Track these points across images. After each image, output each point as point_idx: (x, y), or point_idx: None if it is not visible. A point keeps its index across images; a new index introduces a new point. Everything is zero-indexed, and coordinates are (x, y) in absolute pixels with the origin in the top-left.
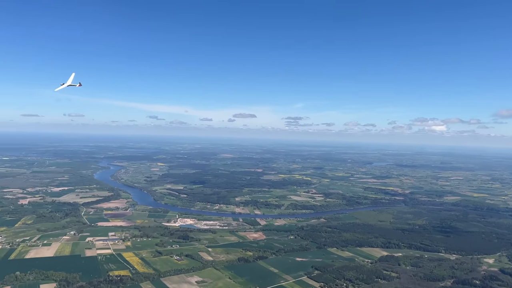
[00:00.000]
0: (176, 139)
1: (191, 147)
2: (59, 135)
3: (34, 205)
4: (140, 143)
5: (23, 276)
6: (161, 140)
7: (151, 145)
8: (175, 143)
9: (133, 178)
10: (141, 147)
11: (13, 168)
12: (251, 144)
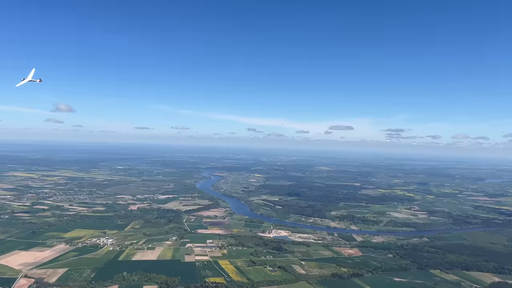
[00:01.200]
0: (273, 151)
1: (287, 159)
2: (167, 146)
3: (142, 211)
4: (239, 154)
5: (129, 276)
6: (259, 152)
7: (249, 156)
8: (272, 155)
9: (231, 188)
10: (240, 158)
11: (126, 176)
12: (348, 157)
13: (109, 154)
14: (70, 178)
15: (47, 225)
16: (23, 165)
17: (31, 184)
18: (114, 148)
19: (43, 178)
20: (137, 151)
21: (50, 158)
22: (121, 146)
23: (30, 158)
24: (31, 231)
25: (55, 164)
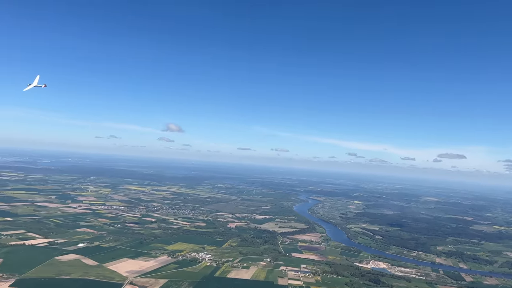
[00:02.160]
0: (375, 177)
1: (390, 186)
2: (267, 167)
3: (240, 230)
4: (339, 179)
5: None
6: (359, 178)
7: (349, 182)
8: (373, 182)
9: (329, 213)
10: (340, 183)
11: (227, 194)
12: (460, 188)
13: (213, 173)
14: (176, 194)
15: (153, 236)
16: (137, 180)
17: (142, 197)
18: (218, 167)
19: (153, 192)
20: (239, 171)
21: (161, 174)
22: (224, 166)
23: (144, 173)
24: (139, 241)
25: (165, 180)
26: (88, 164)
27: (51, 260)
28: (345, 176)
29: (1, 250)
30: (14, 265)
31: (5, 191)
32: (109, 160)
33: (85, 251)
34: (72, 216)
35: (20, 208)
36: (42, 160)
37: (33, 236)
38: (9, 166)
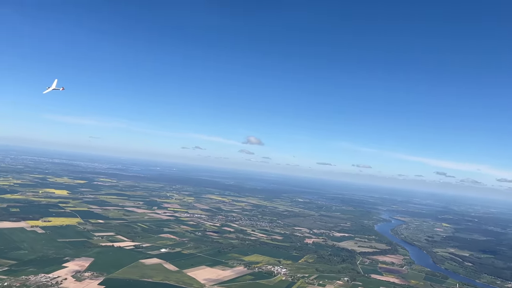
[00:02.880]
0: (466, 199)
1: (484, 210)
2: (347, 184)
3: (317, 246)
4: (425, 199)
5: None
6: (449, 199)
7: (437, 203)
8: (464, 204)
9: (413, 235)
10: (427, 204)
11: (305, 209)
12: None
13: (292, 186)
14: (255, 205)
15: (231, 246)
16: (218, 190)
17: (223, 207)
18: (297, 181)
19: (233, 203)
20: (318, 186)
21: (241, 185)
22: (303, 180)
23: (225, 184)
24: (217, 249)
25: (244, 191)
26: (174, 173)
27: (136, 263)
28: (432, 196)
29: (93, 250)
30: (103, 265)
31: (99, 195)
32: (193, 170)
33: (167, 256)
34: (157, 222)
35: (111, 212)
36: (133, 168)
37: (121, 239)
38: (104, 172)
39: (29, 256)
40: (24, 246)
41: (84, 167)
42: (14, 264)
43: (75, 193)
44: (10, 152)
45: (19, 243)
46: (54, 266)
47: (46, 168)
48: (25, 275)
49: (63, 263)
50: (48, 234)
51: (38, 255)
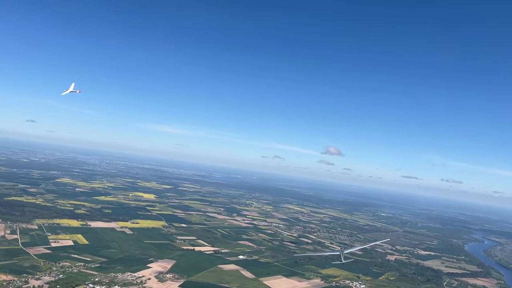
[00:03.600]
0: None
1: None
2: (436, 199)
3: (399, 263)
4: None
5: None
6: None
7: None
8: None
9: (509, 257)
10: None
11: (387, 224)
12: None
13: (374, 200)
14: (334, 218)
15: (308, 258)
16: (297, 200)
17: (301, 217)
18: (380, 194)
19: (311, 214)
20: (402, 200)
21: (320, 196)
22: (386, 193)
23: (304, 194)
24: (294, 260)
25: (323, 203)
26: (254, 181)
27: (215, 268)
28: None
29: (176, 253)
30: (184, 268)
31: (184, 200)
32: (272, 179)
33: (244, 263)
34: (236, 228)
35: (194, 217)
36: (216, 175)
37: (202, 243)
38: (189, 178)
39: (118, 255)
40: (114, 245)
41: (171, 173)
42: (104, 261)
43: (161, 197)
44: (106, 157)
45: (110, 242)
46: (139, 266)
47: (136, 173)
48: (113, 273)
49: (148, 263)
50: (136, 235)
51: (126, 254)
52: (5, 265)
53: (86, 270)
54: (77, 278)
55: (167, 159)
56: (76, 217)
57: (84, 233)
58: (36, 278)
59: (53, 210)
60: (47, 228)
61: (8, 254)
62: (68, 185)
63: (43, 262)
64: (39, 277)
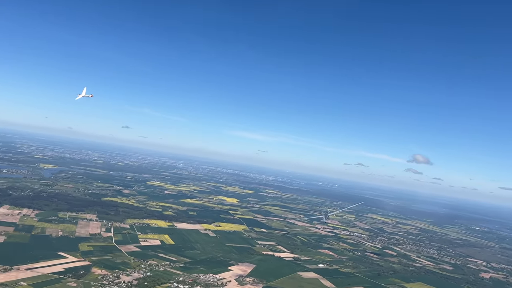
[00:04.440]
0: None
1: None
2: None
3: (495, 282)
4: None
5: None
6: None
7: None
8: None
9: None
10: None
11: (482, 239)
12: None
13: (468, 212)
14: (422, 230)
15: (392, 270)
16: (381, 209)
17: (385, 228)
18: (474, 207)
19: (397, 225)
20: (501, 214)
21: (407, 207)
22: (482, 206)
23: (389, 204)
24: (376, 272)
25: (410, 214)
26: (336, 189)
27: (294, 274)
28: None
29: (255, 257)
30: (264, 272)
31: (264, 205)
32: (355, 187)
33: (324, 272)
34: (316, 236)
35: (274, 222)
36: (297, 181)
37: (281, 249)
38: (270, 184)
39: (201, 256)
40: (198, 246)
41: (253, 178)
42: (188, 262)
43: (243, 202)
44: (192, 162)
45: (194, 243)
46: (220, 268)
47: (220, 177)
48: (196, 273)
49: (229, 266)
50: (218, 237)
51: (208, 256)
52: (100, 260)
53: (171, 269)
54: (163, 276)
55: (249, 165)
56: (164, 218)
57: (171, 233)
58: (127, 274)
59: (144, 211)
60: (137, 228)
61: (103, 250)
62: (158, 187)
63: (133, 259)
64: (129, 273)
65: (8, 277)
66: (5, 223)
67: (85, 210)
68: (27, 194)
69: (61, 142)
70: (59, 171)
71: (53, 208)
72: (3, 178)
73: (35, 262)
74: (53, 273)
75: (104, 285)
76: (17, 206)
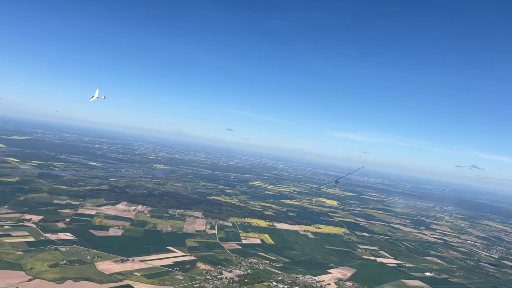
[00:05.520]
0: None
1: None
2: None
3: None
4: None
5: None
6: None
7: None
8: None
9: None
10: None
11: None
12: None
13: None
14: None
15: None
16: (499, 216)
17: (504, 237)
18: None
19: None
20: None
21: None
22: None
23: (509, 211)
24: (492, 285)
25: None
26: (447, 193)
27: (397, 282)
28: None
29: (356, 262)
30: (364, 278)
31: (366, 208)
32: (469, 192)
33: (431, 281)
34: (423, 243)
35: (376, 227)
36: (402, 184)
37: (384, 255)
38: (373, 187)
39: (300, 257)
40: (297, 247)
41: (354, 180)
42: (287, 262)
43: (344, 205)
44: (293, 163)
45: (293, 244)
46: (319, 270)
47: (320, 179)
48: (295, 274)
49: (328, 269)
50: (317, 239)
51: (307, 257)
52: (204, 256)
53: (270, 268)
54: (263, 274)
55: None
56: (264, 218)
57: (271, 233)
58: (229, 270)
59: (245, 210)
60: (239, 226)
61: (207, 246)
62: (259, 187)
63: (235, 256)
64: (231, 270)
65: (125, 267)
66: (122, 218)
67: (192, 208)
68: (142, 192)
69: (172, 144)
70: (170, 171)
71: (164, 206)
72: (122, 177)
73: (147, 255)
74: (162, 266)
75: (208, 279)
76: (133, 203)
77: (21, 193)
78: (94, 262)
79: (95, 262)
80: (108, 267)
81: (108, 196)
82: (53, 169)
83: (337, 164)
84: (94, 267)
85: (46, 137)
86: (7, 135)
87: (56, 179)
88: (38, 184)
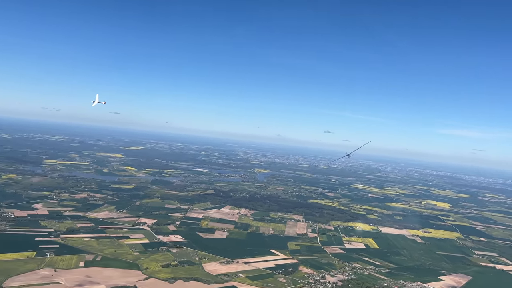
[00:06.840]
0: None
1: None
2: None
3: None
4: None
5: None
6: None
7: None
8: None
9: None
10: None
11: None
12: None
13: None
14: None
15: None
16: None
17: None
18: None
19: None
20: None
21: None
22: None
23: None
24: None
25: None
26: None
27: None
28: None
29: (472, 269)
30: (482, 286)
31: (483, 211)
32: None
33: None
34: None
35: (495, 231)
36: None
37: (504, 262)
38: (491, 187)
39: (408, 263)
40: (404, 252)
41: (468, 181)
42: (394, 267)
43: (456, 207)
44: (398, 164)
45: (400, 249)
46: (429, 277)
47: (429, 180)
48: (403, 280)
49: (439, 275)
50: (427, 244)
51: (416, 263)
52: (306, 259)
53: (376, 274)
54: (367, 280)
55: (463, 166)
56: (368, 222)
57: (375, 237)
58: (331, 275)
59: (347, 214)
60: (341, 230)
61: (309, 250)
62: (362, 190)
63: (337, 261)
64: (334, 274)
65: (230, 269)
66: (227, 221)
67: (292, 211)
68: (244, 196)
69: (272, 149)
70: (270, 175)
71: (266, 209)
72: (226, 182)
73: (251, 257)
74: (265, 268)
75: (311, 283)
76: (236, 206)
77: (137, 198)
78: (201, 263)
79: (203, 263)
80: (215, 268)
81: (214, 200)
82: (165, 175)
83: (447, 164)
84: (202, 268)
85: (158, 146)
86: (125, 146)
87: (167, 185)
88: (151, 190)
